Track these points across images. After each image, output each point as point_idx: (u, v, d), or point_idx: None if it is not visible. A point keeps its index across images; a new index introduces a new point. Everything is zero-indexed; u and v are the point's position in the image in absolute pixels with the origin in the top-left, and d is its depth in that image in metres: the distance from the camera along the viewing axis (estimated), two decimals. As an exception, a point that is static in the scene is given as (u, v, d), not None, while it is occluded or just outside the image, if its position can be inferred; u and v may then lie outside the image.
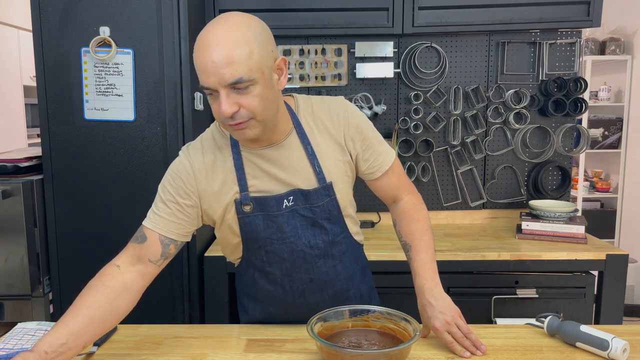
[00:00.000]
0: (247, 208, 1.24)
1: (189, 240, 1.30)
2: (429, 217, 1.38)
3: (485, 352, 1.19)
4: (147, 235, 1.24)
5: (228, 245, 1.35)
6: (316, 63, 2.51)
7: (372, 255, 1.55)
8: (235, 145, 1.25)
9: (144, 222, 1.27)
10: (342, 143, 1.29)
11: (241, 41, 1.07)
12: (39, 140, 2.06)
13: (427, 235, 1.34)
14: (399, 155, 2.53)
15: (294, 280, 1.32)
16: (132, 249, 1.25)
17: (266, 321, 1.40)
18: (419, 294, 1.28)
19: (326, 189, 1.27)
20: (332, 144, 1.28)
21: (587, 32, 4.05)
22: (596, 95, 4.17)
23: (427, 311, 1.24)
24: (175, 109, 2.02)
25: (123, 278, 1.21)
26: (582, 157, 4.13)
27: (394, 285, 1.92)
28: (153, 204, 1.28)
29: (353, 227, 1.37)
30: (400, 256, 1.52)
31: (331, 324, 1.21)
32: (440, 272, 1.54)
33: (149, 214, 1.27)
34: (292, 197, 1.25)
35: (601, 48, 4.04)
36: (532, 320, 1.34)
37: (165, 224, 1.24)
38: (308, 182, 1.26)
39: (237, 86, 1.07)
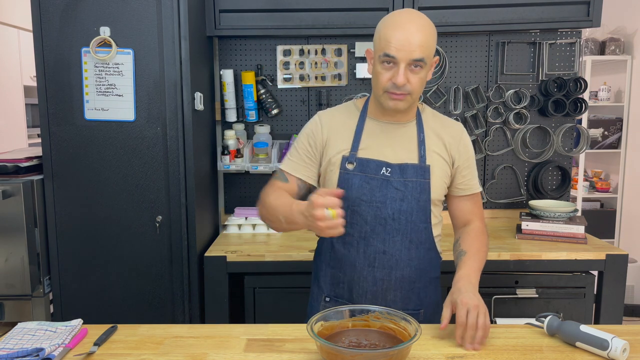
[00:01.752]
0: (350, 166, 1.41)
1: (314, 185, 1.49)
2: (488, 245, 1.48)
3: (477, 350, 1.20)
4: (288, 178, 1.47)
5: None
6: (316, 63, 2.51)
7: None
8: (363, 115, 1.46)
9: (281, 167, 1.49)
10: (450, 149, 1.45)
11: (431, 32, 1.33)
12: (39, 140, 2.06)
13: (483, 253, 1.43)
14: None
15: (369, 246, 1.41)
16: (279, 184, 1.47)
17: (332, 293, 1.48)
18: (455, 282, 1.32)
19: (423, 169, 1.41)
20: (441, 145, 1.45)
21: (587, 32, 4.05)
22: (596, 95, 4.17)
23: (460, 291, 1.26)
24: (175, 109, 2.02)
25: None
26: (582, 157, 4.14)
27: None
28: (287, 154, 1.51)
29: (435, 229, 1.45)
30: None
31: (331, 324, 1.21)
32: (441, 272, 1.54)
33: (285, 162, 1.49)
34: (390, 169, 1.40)
35: (601, 48, 4.04)
36: (532, 320, 1.34)
37: (297, 167, 1.46)
38: (410, 160, 1.41)
39: (415, 64, 1.30)
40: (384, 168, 1.40)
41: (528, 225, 2.29)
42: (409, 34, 1.28)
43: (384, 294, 1.41)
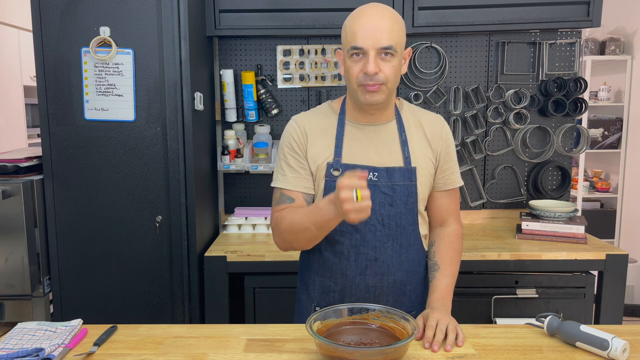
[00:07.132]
0: (335, 173, 1.37)
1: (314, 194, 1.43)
2: (462, 250, 1.50)
3: (435, 351, 1.19)
4: (293, 196, 1.40)
5: None
6: (316, 63, 2.51)
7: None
8: (341, 118, 1.41)
9: (278, 185, 1.41)
10: (433, 144, 1.43)
11: (397, 20, 1.30)
12: (39, 140, 2.06)
13: (456, 265, 1.44)
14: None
15: (360, 254, 1.39)
16: (287, 207, 1.39)
17: (323, 302, 1.43)
18: (429, 304, 1.34)
19: (409, 171, 1.38)
20: (424, 142, 1.42)
21: (587, 32, 4.05)
22: (596, 95, 4.17)
23: (432, 309, 1.29)
24: (175, 109, 2.02)
25: None
26: (582, 157, 4.13)
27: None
28: (277, 170, 1.43)
29: (422, 229, 1.45)
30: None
31: (330, 322, 1.21)
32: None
33: (279, 178, 1.42)
34: (377, 174, 1.37)
35: (601, 48, 4.04)
36: (532, 320, 1.34)
37: (297, 182, 1.40)
38: (396, 162, 1.38)
39: (385, 51, 1.26)
40: (371, 173, 1.36)
41: (528, 225, 2.29)
42: (374, 21, 1.26)
43: (376, 300, 1.39)
